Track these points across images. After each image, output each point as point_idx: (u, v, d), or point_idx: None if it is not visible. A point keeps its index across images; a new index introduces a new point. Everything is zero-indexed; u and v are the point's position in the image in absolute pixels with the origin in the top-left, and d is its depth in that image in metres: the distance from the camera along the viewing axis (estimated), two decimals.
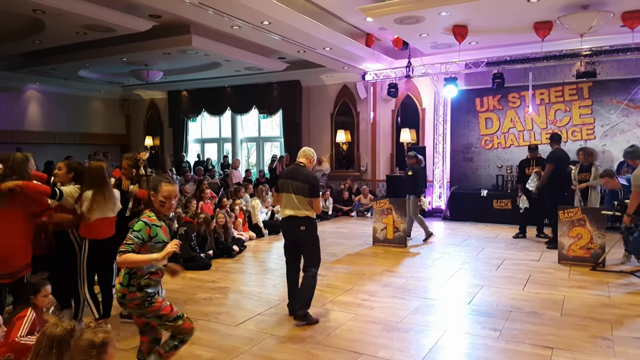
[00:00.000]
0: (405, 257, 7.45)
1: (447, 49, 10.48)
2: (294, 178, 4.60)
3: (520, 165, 9.12)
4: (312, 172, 4.72)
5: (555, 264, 6.79)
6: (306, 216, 4.57)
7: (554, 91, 10.74)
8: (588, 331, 4.28)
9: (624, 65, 9.91)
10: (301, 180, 4.55)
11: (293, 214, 4.58)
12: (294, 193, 4.55)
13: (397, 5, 7.76)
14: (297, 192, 4.54)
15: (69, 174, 4.37)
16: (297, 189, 4.54)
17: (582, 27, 7.89)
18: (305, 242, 4.64)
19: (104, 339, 2.38)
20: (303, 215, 4.57)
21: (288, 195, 4.59)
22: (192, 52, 10.80)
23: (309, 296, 4.62)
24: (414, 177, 8.52)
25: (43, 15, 8.06)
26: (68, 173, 4.39)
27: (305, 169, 4.68)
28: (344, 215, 12.23)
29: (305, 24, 8.55)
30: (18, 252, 3.79)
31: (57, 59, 11.57)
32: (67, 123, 15.53)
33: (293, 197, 4.55)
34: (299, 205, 4.55)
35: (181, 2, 7.09)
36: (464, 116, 11.77)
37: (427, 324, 4.53)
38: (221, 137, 16.68)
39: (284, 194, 4.63)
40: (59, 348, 2.42)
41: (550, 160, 8.09)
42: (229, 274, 6.54)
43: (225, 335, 4.31)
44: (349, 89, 13.36)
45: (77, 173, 4.41)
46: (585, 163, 7.71)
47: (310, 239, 4.65)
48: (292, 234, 4.67)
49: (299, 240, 4.64)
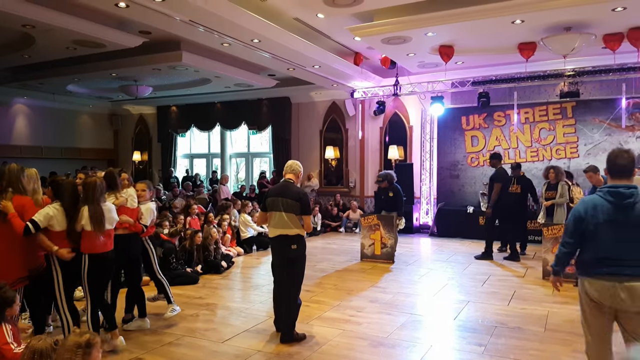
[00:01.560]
0: (392, 273, 7.49)
1: (433, 68, 10.68)
2: (283, 195, 4.49)
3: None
4: (302, 189, 4.66)
5: (539, 279, 6.87)
6: (297, 234, 4.50)
7: (538, 110, 10.96)
8: (571, 346, 4.34)
9: (606, 86, 10.17)
10: (292, 198, 4.46)
11: (284, 232, 4.46)
12: (284, 211, 4.44)
13: (385, 25, 7.92)
14: (288, 210, 4.44)
15: None
16: (287, 206, 4.45)
17: (565, 48, 8.12)
18: (295, 260, 4.54)
19: (89, 340, 2.42)
20: (294, 234, 4.48)
21: (278, 213, 4.48)
22: (182, 68, 10.86)
23: (293, 320, 4.55)
24: (395, 197, 8.45)
25: (33, 30, 8.09)
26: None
27: (295, 186, 4.60)
28: (333, 231, 12.26)
29: (294, 43, 8.67)
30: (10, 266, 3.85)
31: (46, 74, 11.53)
32: (54, 138, 15.42)
33: (284, 215, 4.44)
34: (290, 224, 4.44)
35: (171, 19, 7.17)
36: (450, 134, 11.94)
37: (414, 339, 4.56)
38: (210, 153, 16.69)
39: (274, 213, 4.51)
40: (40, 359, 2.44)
41: (498, 179, 8.45)
42: (216, 290, 6.51)
43: (212, 352, 4.30)
44: (337, 106, 13.50)
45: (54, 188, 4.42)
46: (554, 181, 8.06)
47: (300, 257, 4.57)
48: (282, 252, 4.56)
49: (291, 258, 4.53)
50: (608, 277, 2.94)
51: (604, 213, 2.98)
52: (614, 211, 2.96)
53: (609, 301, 2.95)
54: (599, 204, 3.01)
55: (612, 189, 3.00)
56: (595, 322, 3.08)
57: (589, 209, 3.03)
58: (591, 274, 3.02)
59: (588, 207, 3.05)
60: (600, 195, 3.04)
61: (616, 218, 2.95)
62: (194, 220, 8.75)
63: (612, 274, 2.93)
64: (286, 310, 4.56)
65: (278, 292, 4.73)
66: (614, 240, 2.95)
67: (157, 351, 4.30)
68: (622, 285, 2.90)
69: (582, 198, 3.44)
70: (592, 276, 3.01)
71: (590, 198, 3.13)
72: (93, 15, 7.82)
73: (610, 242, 2.96)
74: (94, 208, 4.10)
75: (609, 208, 2.98)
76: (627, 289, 2.89)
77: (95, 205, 4.11)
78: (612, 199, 2.98)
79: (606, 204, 2.99)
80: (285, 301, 4.58)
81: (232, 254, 8.46)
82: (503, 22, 7.55)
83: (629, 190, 2.96)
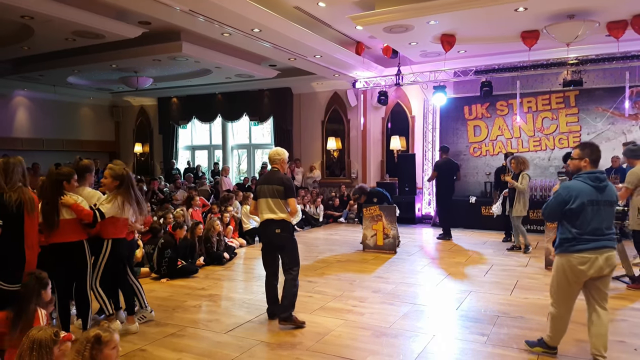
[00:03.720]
0: (395, 263, 7.48)
1: (436, 57, 10.59)
2: (269, 182, 4.69)
3: (497, 172, 9.49)
4: (286, 175, 4.83)
5: (542, 269, 6.85)
6: (282, 219, 4.64)
7: (541, 99, 10.89)
8: (573, 335, 4.32)
9: (610, 74, 10.08)
10: (276, 183, 4.65)
11: (270, 217, 4.65)
12: (270, 197, 4.64)
13: (387, 14, 7.84)
14: (273, 195, 4.63)
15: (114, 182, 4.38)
16: (273, 192, 4.64)
17: (568, 36, 8.04)
18: (282, 245, 4.68)
19: (97, 335, 2.39)
20: (279, 219, 4.63)
21: (265, 200, 4.67)
22: (183, 59, 10.81)
23: (291, 301, 4.64)
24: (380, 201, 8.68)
25: (31, 21, 8.04)
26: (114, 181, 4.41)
27: (279, 172, 4.78)
28: (335, 222, 12.25)
29: (295, 32, 8.61)
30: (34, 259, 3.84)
31: (45, 65, 11.50)
32: (55, 130, 15.42)
33: (270, 201, 4.64)
34: (275, 209, 4.63)
35: (171, 9, 7.12)
36: (452, 124, 11.88)
37: (416, 329, 4.56)
38: (212, 144, 16.66)
39: (262, 200, 4.71)
40: (39, 351, 2.41)
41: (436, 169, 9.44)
42: (218, 281, 6.52)
43: (214, 342, 4.30)
44: (339, 97, 13.43)
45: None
46: (516, 171, 8.01)
47: (287, 242, 4.69)
48: (267, 236, 4.72)
49: (275, 243, 4.69)
50: (593, 250, 3.51)
51: (587, 194, 3.52)
52: (594, 193, 3.53)
53: (593, 271, 3.51)
54: (582, 188, 3.56)
55: (591, 175, 3.59)
56: (571, 291, 3.65)
57: (573, 192, 3.55)
58: (579, 250, 3.53)
59: (572, 190, 3.57)
60: (582, 180, 3.59)
61: (596, 198, 3.53)
62: (196, 212, 8.75)
63: (595, 247, 3.51)
64: (284, 293, 4.67)
65: (270, 281, 4.84)
66: (595, 217, 3.51)
67: (160, 342, 4.30)
68: (603, 256, 3.51)
69: (564, 183, 3.87)
70: (580, 251, 3.52)
71: (572, 183, 3.65)
72: (92, 6, 7.79)
73: (592, 219, 3.51)
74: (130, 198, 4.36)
75: (590, 190, 3.54)
76: (605, 259, 3.51)
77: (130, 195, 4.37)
78: (593, 183, 3.55)
79: (587, 187, 3.55)
80: (284, 284, 4.69)
81: (235, 246, 8.47)
82: (506, 9, 7.47)
83: (602, 174, 3.61)
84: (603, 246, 3.51)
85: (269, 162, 4.90)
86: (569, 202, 3.54)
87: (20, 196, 3.61)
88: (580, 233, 3.52)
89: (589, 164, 3.65)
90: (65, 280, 4.19)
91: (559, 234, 3.68)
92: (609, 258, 3.53)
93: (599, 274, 3.53)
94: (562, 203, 3.58)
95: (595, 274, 3.51)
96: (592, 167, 3.64)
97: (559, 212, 3.62)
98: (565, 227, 3.60)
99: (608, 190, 3.58)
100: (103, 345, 2.42)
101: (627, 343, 4.16)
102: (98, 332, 2.45)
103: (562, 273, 3.62)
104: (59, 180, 4.04)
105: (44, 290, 3.38)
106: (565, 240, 3.60)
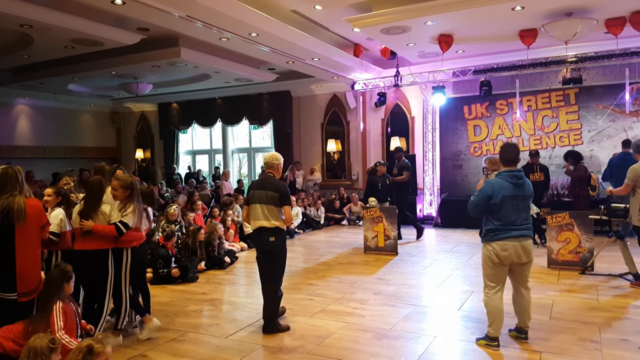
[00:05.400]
0: (396, 264, 7.47)
1: (434, 58, 10.58)
2: (263, 188, 4.55)
3: (524, 171, 9.06)
4: (281, 182, 4.70)
5: (545, 268, 6.84)
6: (276, 227, 4.53)
7: (541, 98, 10.86)
8: (576, 334, 4.31)
9: (609, 71, 10.07)
10: (271, 189, 4.52)
11: (263, 225, 4.53)
12: (264, 203, 4.51)
13: (383, 15, 7.84)
14: (267, 202, 4.50)
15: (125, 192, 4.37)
16: (267, 198, 4.50)
17: (567, 34, 8.02)
18: (274, 253, 4.56)
19: (90, 346, 2.40)
20: (273, 226, 4.51)
21: (258, 206, 4.54)
22: (182, 65, 10.83)
23: (273, 313, 4.60)
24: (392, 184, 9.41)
25: (31, 30, 8.07)
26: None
27: (274, 178, 4.64)
28: (336, 224, 12.24)
29: (293, 35, 8.62)
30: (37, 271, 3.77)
31: (45, 73, 11.53)
32: (57, 137, 15.45)
33: (264, 207, 4.51)
34: (269, 216, 4.51)
35: (169, 15, 7.13)
36: (452, 124, 11.86)
37: (418, 330, 4.54)
38: (212, 149, 16.68)
39: (255, 206, 4.56)
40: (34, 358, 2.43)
41: (407, 169, 9.86)
42: (220, 286, 6.52)
43: (215, 347, 4.30)
44: (338, 99, 13.43)
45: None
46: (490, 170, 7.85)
47: (279, 250, 4.58)
48: (261, 244, 4.60)
49: (269, 250, 4.56)
50: (513, 239, 3.97)
51: (507, 190, 3.99)
52: (513, 188, 4.01)
53: (515, 257, 3.99)
54: (503, 184, 4.02)
55: (509, 173, 4.07)
56: (498, 275, 4.08)
57: (496, 188, 4.00)
58: (501, 238, 3.99)
59: (495, 187, 4.02)
60: (502, 178, 4.06)
61: (515, 193, 4.00)
62: (198, 216, 8.76)
63: (514, 236, 3.97)
64: (266, 302, 4.61)
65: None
66: (514, 210, 3.99)
67: (161, 347, 4.30)
68: (522, 244, 3.99)
69: (488, 180, 4.26)
70: (504, 239, 3.98)
71: (494, 180, 4.11)
72: (90, 14, 7.79)
73: (512, 211, 3.98)
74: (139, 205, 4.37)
75: (509, 186, 4.00)
76: (524, 247, 4.00)
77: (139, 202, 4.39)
78: (511, 180, 4.03)
79: (507, 184, 4.01)
80: (266, 293, 4.62)
81: (236, 250, 8.47)
82: (502, 9, 7.46)
83: (520, 172, 4.10)
84: (521, 235, 4.00)
85: (265, 167, 4.74)
86: (492, 197, 3.99)
87: (9, 205, 3.47)
88: (501, 224, 3.99)
89: (501, 163, 4.20)
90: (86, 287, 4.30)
91: (484, 225, 4.15)
92: (526, 245, 4.02)
93: (519, 261, 4.01)
94: (487, 198, 4.02)
95: (516, 259, 3.99)
96: (506, 166, 4.13)
97: (484, 206, 4.06)
98: (489, 220, 4.08)
99: (525, 186, 4.08)
100: (95, 356, 2.43)
101: (630, 341, 4.15)
102: (91, 343, 2.46)
103: (489, 259, 4.08)
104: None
105: (67, 283, 3.45)
106: (489, 230, 4.07)
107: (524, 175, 4.11)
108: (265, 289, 4.66)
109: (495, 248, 4.01)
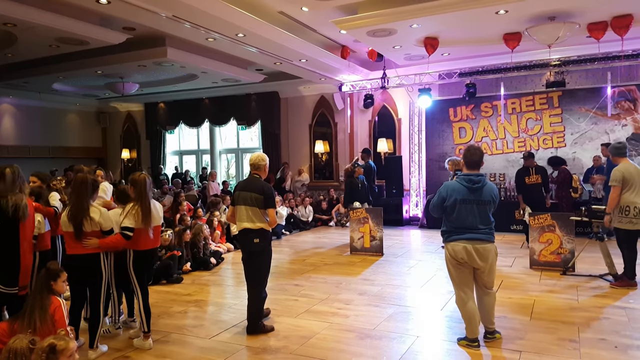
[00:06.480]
0: (381, 265, 7.52)
1: (420, 60, 10.68)
2: (248, 190, 4.54)
3: (519, 175, 8.66)
4: (267, 183, 4.67)
5: (527, 269, 6.93)
6: (260, 228, 4.53)
7: (525, 100, 11.01)
8: (556, 334, 4.38)
9: (592, 75, 10.23)
10: (256, 191, 4.51)
11: (248, 226, 4.53)
12: (249, 205, 4.50)
13: (369, 18, 7.90)
14: (252, 204, 4.49)
15: None
16: (252, 200, 4.49)
17: (550, 38, 8.15)
18: (258, 254, 4.57)
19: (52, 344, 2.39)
20: (257, 228, 4.52)
21: (243, 207, 4.53)
22: (168, 65, 10.79)
23: (258, 315, 4.61)
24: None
25: (14, 28, 8.00)
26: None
27: (259, 180, 4.63)
28: (324, 225, 12.26)
29: (280, 36, 8.64)
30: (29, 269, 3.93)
31: (30, 72, 11.42)
32: (41, 137, 15.29)
33: (249, 209, 4.50)
34: (253, 218, 4.51)
35: (155, 15, 7.11)
36: (438, 126, 11.96)
37: (401, 330, 4.59)
38: (200, 149, 16.62)
39: (240, 207, 4.56)
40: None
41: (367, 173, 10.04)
42: (205, 287, 6.50)
43: (199, 348, 4.30)
44: (326, 100, 13.47)
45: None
46: (452, 170, 7.88)
47: (263, 251, 4.59)
48: (246, 245, 4.61)
49: (252, 252, 4.57)
50: (465, 241, 3.99)
51: (460, 194, 4.02)
52: (467, 192, 4.02)
53: (468, 260, 3.99)
54: (457, 187, 4.06)
55: (466, 177, 4.09)
56: (460, 276, 4.10)
57: (449, 191, 4.07)
58: (455, 239, 4.02)
59: (449, 189, 4.09)
60: (458, 181, 4.11)
61: (468, 197, 4.01)
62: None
63: (467, 239, 3.99)
64: (250, 303, 4.62)
65: None
66: (468, 214, 4.00)
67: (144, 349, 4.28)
68: (474, 247, 3.98)
69: (445, 183, 4.28)
70: (455, 241, 4.02)
71: (450, 183, 4.19)
72: (75, 12, 7.74)
73: (465, 215, 4.00)
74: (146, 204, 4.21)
75: (463, 190, 4.03)
76: (477, 250, 3.98)
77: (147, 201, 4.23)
78: (466, 184, 4.04)
79: (461, 187, 4.04)
80: (251, 293, 4.64)
81: (222, 250, 8.45)
82: (486, 12, 7.56)
83: (478, 177, 4.06)
84: (476, 238, 3.99)
85: (251, 168, 4.71)
86: (446, 199, 4.06)
87: (17, 202, 3.70)
88: (455, 226, 4.04)
89: (464, 166, 4.20)
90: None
91: (442, 227, 4.20)
92: (480, 250, 3.99)
93: (473, 265, 4.02)
94: (441, 200, 4.10)
95: (470, 262, 4.00)
96: (468, 168, 4.13)
97: (440, 208, 4.14)
98: (445, 221, 4.16)
99: (483, 191, 4.05)
100: (58, 354, 2.42)
101: (608, 340, 4.22)
102: (52, 341, 2.44)
103: (448, 260, 4.14)
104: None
105: (53, 282, 3.46)
106: (445, 232, 4.16)
107: (483, 180, 4.09)
108: (249, 290, 4.68)
109: (449, 249, 4.09)
